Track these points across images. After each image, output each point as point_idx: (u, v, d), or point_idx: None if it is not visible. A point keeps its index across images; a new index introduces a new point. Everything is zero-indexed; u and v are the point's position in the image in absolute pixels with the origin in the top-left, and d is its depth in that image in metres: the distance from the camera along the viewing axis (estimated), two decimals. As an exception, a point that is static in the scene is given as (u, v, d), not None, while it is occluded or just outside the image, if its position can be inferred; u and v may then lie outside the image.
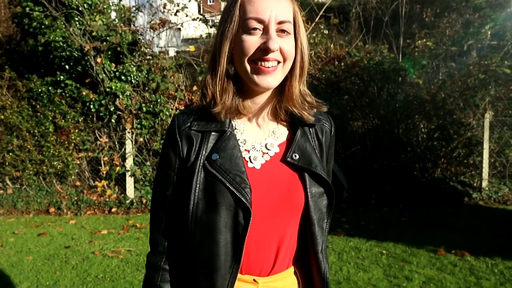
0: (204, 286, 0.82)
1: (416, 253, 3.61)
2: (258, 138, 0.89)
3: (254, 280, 0.86)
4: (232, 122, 0.87)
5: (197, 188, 0.82)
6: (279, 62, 0.83)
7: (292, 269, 0.90)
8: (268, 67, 0.81)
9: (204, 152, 0.84)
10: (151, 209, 0.91)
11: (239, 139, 0.87)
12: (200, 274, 0.82)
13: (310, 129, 0.91)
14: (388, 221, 4.68)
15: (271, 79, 0.82)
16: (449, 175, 6.06)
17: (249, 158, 0.86)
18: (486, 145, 5.80)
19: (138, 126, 5.42)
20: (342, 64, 6.01)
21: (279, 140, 0.90)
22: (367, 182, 5.81)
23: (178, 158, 0.86)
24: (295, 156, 0.86)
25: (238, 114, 0.88)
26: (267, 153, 0.88)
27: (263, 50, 0.80)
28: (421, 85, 5.94)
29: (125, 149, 5.52)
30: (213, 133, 0.85)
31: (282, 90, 0.88)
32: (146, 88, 5.56)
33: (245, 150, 0.87)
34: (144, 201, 5.39)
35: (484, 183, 5.79)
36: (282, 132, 0.91)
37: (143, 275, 3.31)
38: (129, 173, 5.47)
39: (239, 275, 0.85)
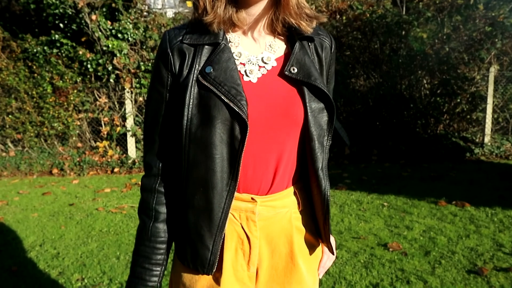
0: (201, 205, 0.80)
1: (417, 205, 3.64)
2: (254, 51, 0.84)
3: (252, 198, 0.84)
4: (226, 35, 0.83)
5: (190, 103, 0.79)
6: None
7: (291, 189, 0.88)
8: None
9: (197, 65, 0.80)
10: (144, 131, 0.88)
11: (233, 52, 0.83)
12: (196, 192, 0.80)
13: (309, 43, 0.87)
14: (390, 176, 4.70)
15: None
16: (451, 131, 6.03)
17: (245, 71, 0.82)
18: (490, 100, 5.72)
19: (137, 85, 5.35)
20: (344, 18, 5.83)
21: (276, 54, 0.85)
22: (368, 138, 5.79)
23: (170, 74, 0.82)
24: (293, 69, 0.82)
25: (233, 26, 0.83)
26: (264, 67, 0.84)
27: None
28: (425, 40, 5.78)
29: (125, 109, 5.48)
30: (206, 46, 0.81)
31: (278, 0, 0.82)
32: (144, 47, 5.44)
33: (241, 63, 0.83)
34: (146, 160, 5.40)
35: (487, 139, 5.76)
36: (279, 46, 0.86)
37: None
38: (130, 133, 5.45)
39: (236, 194, 0.83)
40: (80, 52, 5.31)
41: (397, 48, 5.90)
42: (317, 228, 0.92)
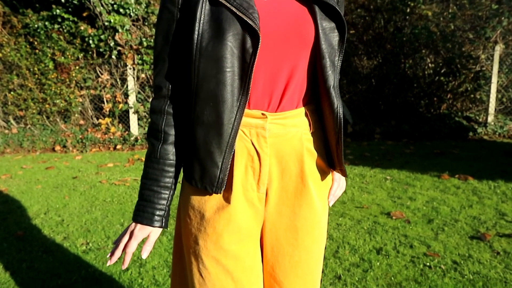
0: (210, 120, 0.80)
1: (419, 178, 3.64)
2: None
3: (262, 114, 0.84)
4: None
5: (201, 19, 0.77)
6: None
7: (302, 110, 0.88)
8: None
9: None
10: (154, 52, 0.87)
11: None
12: (206, 108, 0.79)
13: None
14: (392, 152, 4.70)
15: None
16: (454, 110, 6.00)
17: None
18: (494, 79, 5.68)
19: (140, 61, 5.32)
20: (349, -6, 5.76)
21: None
22: (371, 117, 5.77)
23: None
24: None
25: None
26: None
27: None
28: (430, 17, 5.72)
29: (127, 86, 5.46)
30: None
31: None
32: (146, 23, 5.39)
33: None
34: (148, 137, 5.39)
35: (490, 118, 5.74)
36: None
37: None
38: (132, 110, 5.44)
39: (246, 110, 0.83)
40: (82, 28, 5.26)
41: (401, 26, 5.84)
42: (328, 153, 0.92)
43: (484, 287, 1.91)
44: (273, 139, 0.85)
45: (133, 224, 0.87)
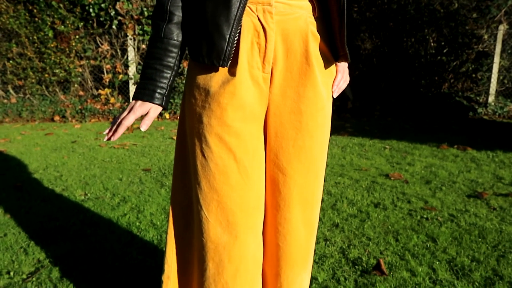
0: None
1: (418, 148, 3.65)
2: None
3: None
4: None
5: None
6: None
7: None
8: None
9: None
10: None
11: None
12: None
13: None
14: (392, 127, 4.70)
15: None
16: (455, 90, 5.99)
17: None
18: (496, 59, 5.65)
19: (140, 32, 5.27)
20: (353, -31, 5.70)
21: None
22: (372, 94, 5.76)
23: None
24: None
25: None
26: None
27: None
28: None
29: (127, 57, 5.42)
30: None
31: None
32: (147, -7, 5.33)
33: None
34: (148, 109, 5.37)
35: (491, 98, 5.73)
36: None
37: (149, 158, 3.33)
38: (132, 81, 5.41)
39: None
40: (82, -4, 5.20)
41: (405, 3, 5.79)
42: (331, 42, 0.91)
43: (480, 235, 1.93)
44: (279, 17, 0.85)
45: (133, 101, 0.87)
